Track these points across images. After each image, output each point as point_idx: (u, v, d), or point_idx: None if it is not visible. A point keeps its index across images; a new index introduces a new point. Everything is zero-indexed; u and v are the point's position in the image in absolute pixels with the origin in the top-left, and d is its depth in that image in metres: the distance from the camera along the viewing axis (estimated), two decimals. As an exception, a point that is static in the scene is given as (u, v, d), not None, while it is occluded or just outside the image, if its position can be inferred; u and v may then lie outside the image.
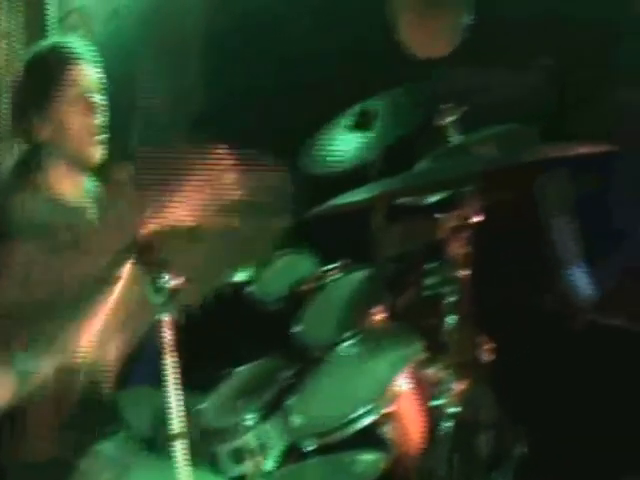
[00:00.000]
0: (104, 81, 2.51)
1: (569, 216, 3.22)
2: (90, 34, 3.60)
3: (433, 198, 2.68)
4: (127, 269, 1.93)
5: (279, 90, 4.13)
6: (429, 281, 2.45)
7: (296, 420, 2.26)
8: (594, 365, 2.85)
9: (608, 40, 3.70)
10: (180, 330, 1.83)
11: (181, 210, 1.82)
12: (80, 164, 2.48)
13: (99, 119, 2.46)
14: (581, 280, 3.21)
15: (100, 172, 2.52)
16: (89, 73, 2.47)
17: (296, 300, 2.74)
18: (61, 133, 2.43)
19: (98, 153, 2.46)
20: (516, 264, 3.25)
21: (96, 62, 2.50)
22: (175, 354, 1.76)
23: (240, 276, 2.84)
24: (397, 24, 4.29)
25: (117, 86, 2.75)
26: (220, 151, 1.90)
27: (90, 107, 2.44)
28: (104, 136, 2.47)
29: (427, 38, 4.34)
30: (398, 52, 4.18)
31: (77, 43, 2.53)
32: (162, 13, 4.05)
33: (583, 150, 2.11)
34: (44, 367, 2.01)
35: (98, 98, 2.47)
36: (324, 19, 4.10)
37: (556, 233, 3.21)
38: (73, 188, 2.49)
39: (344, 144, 3.05)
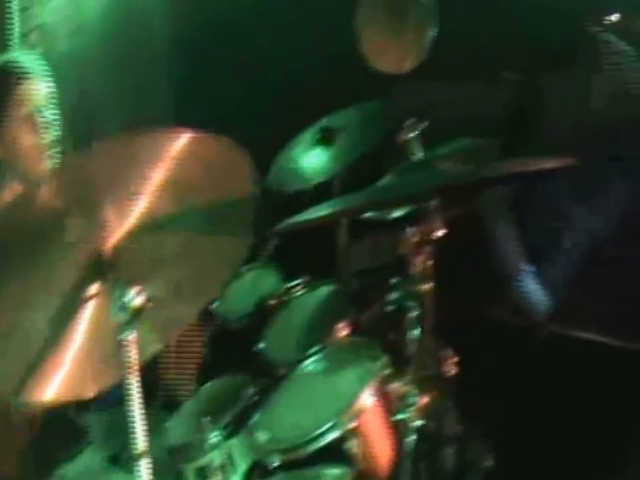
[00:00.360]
0: (57, 97, 2.49)
1: (510, 224, 3.26)
2: (51, 51, 3.59)
3: (397, 213, 2.70)
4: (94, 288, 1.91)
5: (243, 106, 4.14)
6: (392, 296, 2.46)
7: (261, 437, 2.25)
8: (556, 376, 2.88)
9: (570, 54, 3.75)
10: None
11: (144, 222, 1.79)
12: (32, 181, 2.46)
13: (50, 136, 2.44)
14: (532, 287, 3.25)
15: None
16: (40, 90, 2.45)
17: (261, 316, 2.74)
18: (12, 151, 2.42)
19: (50, 169, 2.44)
20: (477, 277, 3.29)
21: (49, 79, 2.48)
22: (139, 372, 1.74)
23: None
24: (362, 39, 4.32)
25: (79, 101, 2.74)
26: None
27: (41, 125, 2.43)
28: (55, 152, 2.46)
29: (392, 53, 4.37)
30: (362, 67, 4.21)
31: (29, 60, 2.51)
32: (126, 29, 4.05)
33: (546, 165, 2.14)
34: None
35: (49, 115, 2.45)
36: (288, 35, 4.11)
37: (500, 243, 3.25)
38: None
39: (308, 160, 3.06)
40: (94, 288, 1.84)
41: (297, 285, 2.81)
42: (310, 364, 2.47)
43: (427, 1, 4.37)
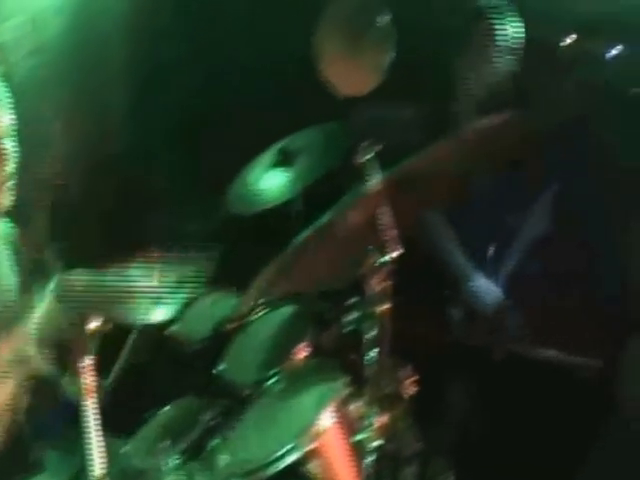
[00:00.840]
0: (16, 126, 2.46)
1: (450, 233, 3.30)
2: (9, 72, 3.57)
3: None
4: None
5: (202, 127, 4.15)
6: (351, 317, 2.48)
7: (222, 460, 2.25)
8: (512, 393, 2.91)
9: (525, 78, 3.81)
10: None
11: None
12: None
13: (9, 166, 2.41)
14: (484, 291, 3.29)
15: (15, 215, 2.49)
16: (2, 121, 2.41)
17: (220, 339, 2.73)
18: None
19: (7, 199, 2.42)
20: (433, 296, 3.32)
21: (8, 107, 2.44)
22: (96, 397, 1.74)
23: (163, 316, 2.82)
24: (320, 61, 4.35)
25: (37, 124, 2.72)
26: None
27: (2, 156, 2.39)
28: (14, 182, 2.42)
29: (350, 75, 4.41)
30: (320, 90, 4.24)
31: None
32: (85, 49, 4.04)
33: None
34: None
35: (9, 145, 2.42)
36: (247, 56, 4.14)
37: (443, 252, 3.29)
38: None
39: (267, 182, 3.07)
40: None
41: (257, 307, 2.81)
42: (270, 386, 2.47)
43: (385, 24, 4.43)
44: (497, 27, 3.13)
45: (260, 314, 2.78)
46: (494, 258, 3.35)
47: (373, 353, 2.18)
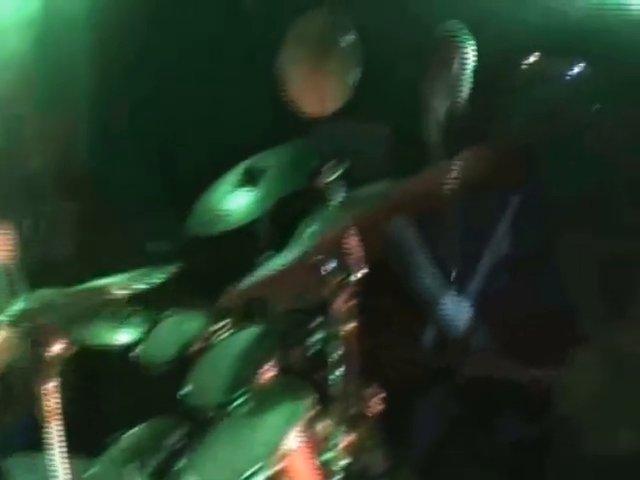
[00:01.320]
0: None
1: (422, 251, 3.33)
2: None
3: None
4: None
5: (165, 148, 4.15)
6: (317, 336, 2.49)
7: (189, 482, 2.24)
8: (475, 411, 2.93)
9: (484, 99, 3.86)
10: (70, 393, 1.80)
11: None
12: None
13: None
14: (453, 309, 3.33)
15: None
16: None
17: (186, 360, 2.72)
18: None
19: None
20: (399, 317, 3.34)
21: None
22: (60, 419, 1.73)
23: (128, 338, 2.81)
24: (285, 81, 4.38)
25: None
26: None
27: None
28: None
29: (315, 95, 4.44)
30: (285, 109, 4.26)
31: None
32: (52, 68, 4.02)
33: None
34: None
35: None
36: (213, 77, 4.15)
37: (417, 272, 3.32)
38: None
39: (231, 202, 3.07)
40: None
41: (222, 327, 2.81)
42: (237, 407, 2.46)
43: (349, 44, 4.46)
44: (460, 51, 3.18)
45: (225, 335, 2.78)
46: (461, 278, 3.40)
47: (338, 372, 2.18)
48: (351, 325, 2.15)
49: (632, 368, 2.73)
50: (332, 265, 2.24)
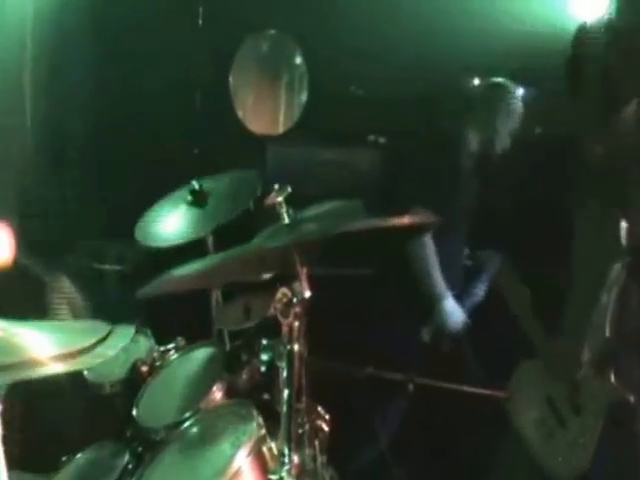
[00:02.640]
0: None
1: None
2: None
3: (268, 274, 2.74)
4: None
5: (114, 170, 4.14)
6: (264, 357, 2.50)
7: (138, 505, 2.23)
8: (427, 423, 2.96)
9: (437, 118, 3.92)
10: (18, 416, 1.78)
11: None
12: None
13: None
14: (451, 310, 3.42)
15: None
16: None
17: (134, 382, 2.71)
18: None
19: None
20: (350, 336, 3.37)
21: None
22: (4, 442, 1.71)
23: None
24: (236, 102, 4.40)
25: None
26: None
27: None
28: None
29: (266, 115, 4.47)
30: (236, 129, 4.28)
31: None
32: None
33: (405, 221, 2.23)
34: None
35: None
36: (159, 95, 4.15)
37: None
38: None
39: (178, 219, 3.07)
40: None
41: (171, 349, 2.80)
42: (186, 428, 2.46)
43: (299, 65, 4.51)
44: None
45: (174, 357, 2.78)
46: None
47: (287, 392, 2.19)
48: (298, 345, 2.16)
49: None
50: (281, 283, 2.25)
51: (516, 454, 2.74)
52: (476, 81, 4.15)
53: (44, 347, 1.68)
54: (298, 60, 4.55)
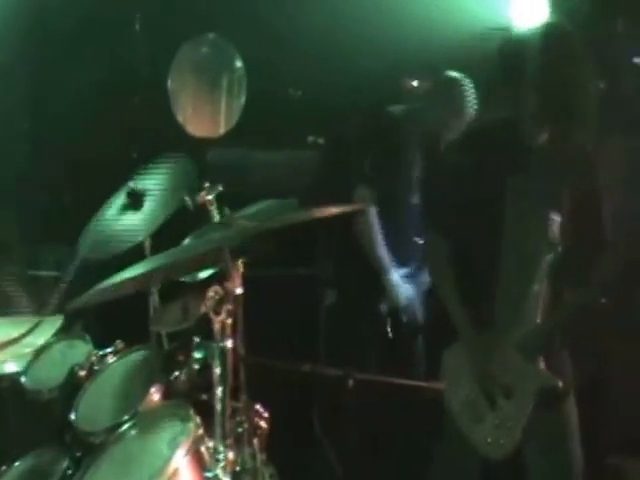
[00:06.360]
0: None
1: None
2: None
3: (203, 274, 2.74)
4: None
5: (51, 167, 4.11)
6: (198, 354, 2.49)
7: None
8: (368, 419, 2.97)
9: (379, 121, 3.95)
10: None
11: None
12: None
13: None
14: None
15: None
16: None
17: (72, 387, 2.69)
18: None
19: None
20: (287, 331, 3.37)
21: None
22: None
23: (12, 367, 2.77)
24: (175, 105, 4.40)
25: None
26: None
27: None
28: None
29: (205, 118, 4.46)
30: (174, 132, 4.27)
31: None
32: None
33: (334, 210, 2.26)
34: None
35: None
36: (97, 99, 4.14)
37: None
38: None
39: (118, 224, 3.06)
40: None
41: (108, 353, 2.79)
42: (124, 431, 2.45)
43: (238, 68, 4.51)
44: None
45: (112, 359, 2.77)
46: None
47: (222, 390, 2.19)
48: (230, 343, 2.16)
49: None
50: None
51: (453, 435, 2.77)
52: (415, 82, 4.20)
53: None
54: (237, 63, 4.56)
